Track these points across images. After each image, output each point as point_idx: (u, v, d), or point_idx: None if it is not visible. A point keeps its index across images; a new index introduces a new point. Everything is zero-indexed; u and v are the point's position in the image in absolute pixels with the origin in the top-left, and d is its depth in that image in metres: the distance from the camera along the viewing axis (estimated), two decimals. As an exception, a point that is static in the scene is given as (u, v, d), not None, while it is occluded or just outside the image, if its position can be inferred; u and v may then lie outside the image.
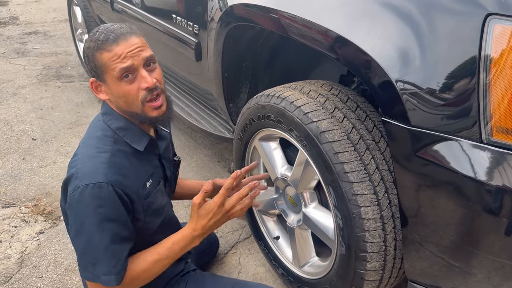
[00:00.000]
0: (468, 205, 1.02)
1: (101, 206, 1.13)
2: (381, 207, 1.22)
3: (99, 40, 1.17)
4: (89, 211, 1.13)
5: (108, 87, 1.21)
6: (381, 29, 1.12)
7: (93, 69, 1.20)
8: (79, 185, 1.13)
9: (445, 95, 1.00)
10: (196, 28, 1.92)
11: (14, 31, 5.55)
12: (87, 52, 1.20)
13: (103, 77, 1.20)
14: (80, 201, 1.14)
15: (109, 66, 1.16)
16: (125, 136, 1.25)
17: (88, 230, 1.14)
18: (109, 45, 1.16)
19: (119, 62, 1.16)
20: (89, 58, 1.19)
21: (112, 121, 1.25)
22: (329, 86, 1.43)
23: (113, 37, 1.16)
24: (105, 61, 1.16)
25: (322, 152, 1.25)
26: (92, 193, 1.12)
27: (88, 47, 1.19)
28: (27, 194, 2.41)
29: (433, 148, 1.03)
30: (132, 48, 1.17)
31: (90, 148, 1.20)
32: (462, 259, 1.12)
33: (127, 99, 1.20)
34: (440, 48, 1.00)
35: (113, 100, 1.24)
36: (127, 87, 1.19)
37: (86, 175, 1.14)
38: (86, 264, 1.17)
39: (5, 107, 3.46)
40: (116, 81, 1.18)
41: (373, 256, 1.25)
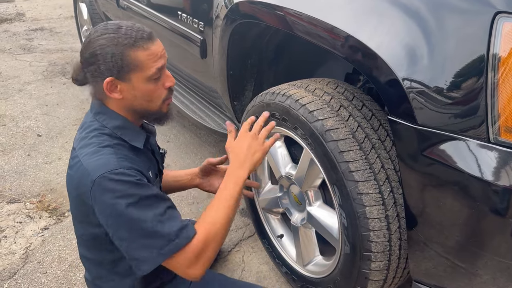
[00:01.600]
0: (474, 206, 1.01)
1: (127, 188, 1.09)
2: (386, 207, 1.21)
3: (132, 37, 1.11)
4: (118, 197, 1.08)
5: (131, 86, 1.16)
6: (388, 27, 1.11)
7: (115, 67, 1.12)
8: (94, 179, 1.08)
9: (452, 94, 0.99)
10: (201, 25, 1.92)
11: (20, 27, 5.57)
12: (110, 50, 1.11)
13: (127, 75, 1.14)
14: (104, 192, 1.08)
15: (144, 64, 1.13)
16: (123, 134, 1.21)
17: (127, 216, 1.09)
18: (145, 43, 1.13)
19: (156, 61, 1.14)
20: (113, 56, 1.11)
21: (108, 121, 1.20)
22: (334, 84, 1.42)
23: (147, 35, 1.14)
24: (140, 59, 1.12)
25: (327, 150, 1.25)
26: (112, 180, 1.08)
27: (116, 43, 1.11)
28: (32, 190, 2.42)
29: (439, 147, 1.02)
30: (162, 47, 1.17)
31: (90, 146, 1.16)
32: (467, 260, 1.11)
33: (151, 98, 1.19)
34: (448, 47, 0.99)
35: (129, 100, 1.19)
36: (153, 87, 1.17)
37: (98, 167, 1.10)
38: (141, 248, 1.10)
39: (11, 103, 3.47)
40: (145, 80, 1.15)
41: (377, 255, 1.24)
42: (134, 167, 1.14)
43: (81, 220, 1.25)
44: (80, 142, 1.20)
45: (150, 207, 1.12)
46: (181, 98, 2.55)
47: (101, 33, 1.13)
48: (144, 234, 1.10)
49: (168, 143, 2.92)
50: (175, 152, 2.79)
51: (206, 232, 1.17)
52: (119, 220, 1.10)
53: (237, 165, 1.26)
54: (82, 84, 1.23)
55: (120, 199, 1.08)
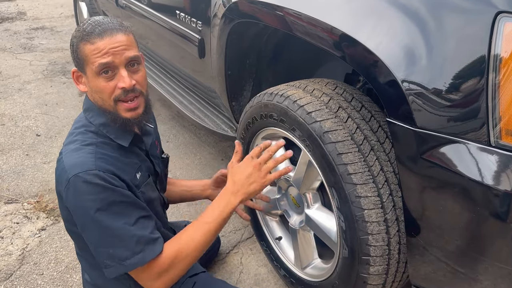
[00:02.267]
0: (475, 210, 0.99)
1: (99, 192, 1.08)
2: (385, 210, 1.19)
3: (85, 31, 1.15)
4: (89, 200, 1.08)
5: (87, 80, 1.19)
6: (387, 27, 1.09)
7: (76, 59, 1.18)
8: (69, 177, 1.09)
9: (452, 96, 0.97)
10: (199, 24, 1.90)
11: (21, 26, 5.56)
12: (72, 41, 1.18)
13: (84, 68, 1.18)
14: (76, 192, 1.08)
15: (89, 59, 1.14)
16: (108, 132, 1.21)
17: (96, 222, 1.09)
18: (93, 38, 1.14)
19: (99, 56, 1.13)
20: (73, 47, 1.18)
21: (95, 118, 1.21)
22: (333, 85, 1.40)
23: (99, 30, 1.14)
24: (86, 53, 1.14)
25: (325, 152, 1.22)
26: (85, 181, 1.07)
27: (74, 36, 1.18)
28: (29, 190, 2.41)
29: (439, 150, 1.00)
30: (116, 45, 1.14)
31: (74, 143, 1.17)
32: (467, 265, 1.09)
33: (102, 95, 1.18)
34: (448, 47, 0.97)
35: (90, 94, 1.23)
36: (103, 83, 1.16)
37: (74, 166, 1.10)
38: (106, 255, 1.11)
39: (10, 102, 3.46)
40: (95, 75, 1.15)
41: (376, 259, 1.22)
42: (111, 170, 1.13)
43: (66, 218, 1.24)
44: (67, 138, 1.22)
45: (121, 215, 1.11)
46: (180, 98, 2.53)
47: (78, 26, 1.22)
48: (110, 242, 1.10)
49: (167, 143, 2.90)
50: (174, 152, 2.77)
51: (176, 251, 1.17)
52: (88, 223, 1.10)
53: (231, 191, 1.25)
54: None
55: (91, 202, 1.08)
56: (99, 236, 1.11)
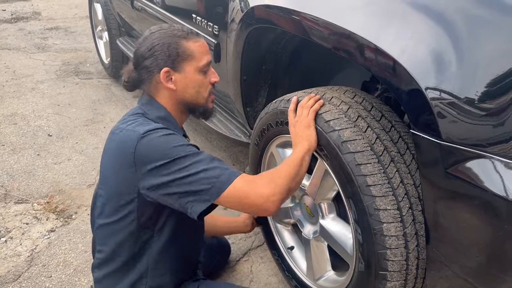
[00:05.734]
0: (500, 227, 0.95)
1: (178, 139, 1.17)
2: (404, 224, 1.15)
3: (182, 31, 1.26)
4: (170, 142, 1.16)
5: (184, 76, 1.26)
6: (411, 32, 1.05)
7: (171, 56, 1.23)
8: (142, 132, 1.16)
9: (480, 108, 0.92)
10: (216, 29, 1.88)
11: (35, 26, 5.61)
12: (167, 40, 1.23)
13: (181, 65, 1.24)
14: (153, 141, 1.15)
15: (195, 55, 1.25)
16: (164, 125, 1.25)
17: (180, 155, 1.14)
18: (194, 37, 1.27)
19: (205, 54, 1.28)
20: (169, 45, 1.23)
21: (153, 111, 1.27)
22: (352, 93, 1.36)
23: (195, 33, 1.30)
24: (192, 49, 1.25)
25: (343, 163, 1.19)
26: (162, 135, 1.16)
27: (171, 35, 1.24)
28: (40, 191, 2.40)
29: (465, 165, 0.96)
30: (207, 45, 1.32)
31: (137, 122, 1.22)
32: (489, 284, 1.05)
33: (199, 89, 1.29)
34: (477, 55, 0.93)
35: (180, 90, 1.27)
36: (202, 78, 1.29)
37: (147, 128, 1.17)
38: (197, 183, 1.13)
39: (23, 101, 3.47)
40: (196, 71, 1.26)
41: (394, 275, 1.18)
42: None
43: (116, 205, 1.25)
44: (123, 123, 1.25)
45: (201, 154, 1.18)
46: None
47: (155, 30, 1.27)
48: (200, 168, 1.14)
49: (178, 147, 2.88)
50: (185, 156, 2.76)
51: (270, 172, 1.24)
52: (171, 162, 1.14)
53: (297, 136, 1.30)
54: (133, 86, 1.31)
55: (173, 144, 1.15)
56: (186, 168, 1.14)
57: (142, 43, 1.26)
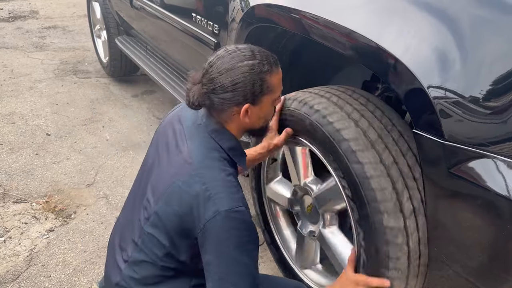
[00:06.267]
0: (503, 227, 0.95)
1: (246, 229, 1.11)
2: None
3: (267, 62, 1.14)
4: (233, 234, 1.10)
5: (259, 108, 1.18)
6: (412, 30, 1.05)
7: (255, 93, 1.13)
8: (220, 210, 1.08)
9: (484, 107, 0.92)
10: (216, 28, 1.87)
11: (33, 25, 5.58)
12: (253, 78, 1.12)
13: (260, 99, 1.15)
14: (223, 225, 1.09)
15: (275, 88, 1.17)
16: (234, 156, 1.22)
17: (232, 253, 1.10)
18: (276, 67, 1.17)
19: (281, 83, 1.20)
20: (254, 83, 1.12)
21: (224, 141, 1.21)
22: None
23: (275, 60, 1.18)
24: (274, 83, 1.16)
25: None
26: (236, 218, 1.09)
27: (259, 71, 1.12)
28: (38, 190, 2.39)
29: (468, 165, 0.96)
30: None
31: (218, 172, 1.15)
32: (491, 284, 1.05)
33: (268, 117, 1.24)
34: (481, 54, 0.93)
35: (253, 121, 1.19)
36: (273, 107, 1.23)
37: (225, 200, 1.10)
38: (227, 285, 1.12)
39: (21, 100, 3.46)
40: (271, 102, 1.19)
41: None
42: (247, 204, 1.15)
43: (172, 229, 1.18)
44: (201, 160, 1.17)
45: (251, 253, 1.14)
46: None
47: (239, 59, 1.12)
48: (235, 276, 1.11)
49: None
50: (184, 156, 2.75)
51: None
52: (222, 255, 1.11)
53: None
54: (200, 108, 1.21)
55: (234, 237, 1.10)
56: (228, 269, 1.11)
57: (225, 74, 1.12)
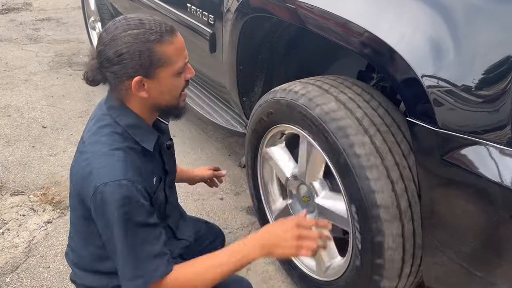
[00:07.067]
0: (495, 213, 0.97)
1: (124, 204, 1.05)
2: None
3: (155, 32, 1.04)
4: (113, 210, 1.05)
5: (158, 82, 1.09)
6: (407, 20, 1.06)
7: (144, 65, 1.05)
8: (97, 185, 1.04)
9: (476, 95, 0.94)
10: (211, 18, 1.87)
11: (27, 17, 5.53)
12: (138, 47, 1.04)
13: (154, 72, 1.07)
14: (103, 202, 1.05)
15: (170, 59, 1.07)
16: (135, 134, 1.15)
17: (117, 234, 1.06)
18: (168, 36, 1.06)
19: (182, 53, 1.10)
20: (141, 53, 1.04)
21: (121, 117, 1.15)
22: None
23: (169, 27, 1.08)
24: (168, 54, 1.06)
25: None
26: (114, 192, 1.04)
27: (144, 40, 1.04)
28: (36, 183, 2.39)
29: (461, 152, 0.97)
30: (182, 39, 1.12)
31: (102, 146, 1.11)
32: (485, 268, 1.07)
33: (175, 92, 1.14)
34: (475, 44, 0.94)
35: (154, 97, 1.12)
36: (178, 80, 1.13)
37: (104, 173, 1.06)
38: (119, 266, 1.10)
39: (16, 93, 3.44)
40: (172, 75, 1.10)
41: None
42: (139, 180, 1.09)
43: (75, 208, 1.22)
44: (91, 136, 1.15)
45: (141, 234, 1.08)
46: (188, 93, 2.50)
47: (123, 29, 1.05)
48: (125, 258, 1.08)
49: (174, 138, 2.87)
50: (180, 147, 2.75)
51: (184, 280, 1.13)
52: (109, 234, 1.08)
53: (260, 244, 1.13)
54: (97, 84, 1.15)
55: (117, 215, 1.05)
56: (117, 249, 1.08)
57: (108, 44, 1.05)
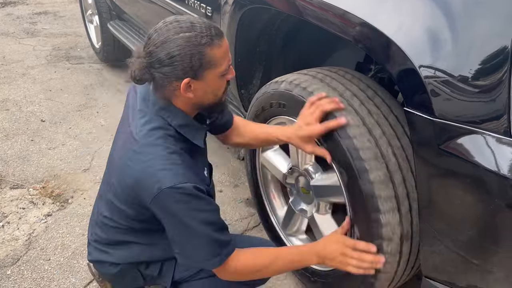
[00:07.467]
0: (492, 201, 0.98)
1: (192, 200, 1.13)
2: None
3: (206, 35, 1.08)
4: (181, 208, 1.13)
5: (204, 84, 1.13)
6: (405, 11, 1.06)
7: (194, 67, 1.09)
8: (163, 188, 1.10)
9: (473, 85, 0.95)
10: (209, 10, 1.87)
11: (24, 10, 5.51)
12: (190, 50, 1.07)
13: (202, 74, 1.11)
14: (168, 202, 1.12)
15: (218, 62, 1.11)
16: (186, 133, 1.21)
17: (185, 224, 1.15)
18: (219, 40, 1.11)
19: (227, 55, 1.15)
20: (192, 56, 1.07)
21: (172, 118, 1.19)
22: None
23: (218, 31, 1.12)
24: (217, 56, 1.10)
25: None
26: (179, 193, 1.11)
27: (196, 43, 1.07)
28: (35, 176, 2.40)
29: (457, 141, 0.98)
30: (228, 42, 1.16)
31: (158, 149, 1.15)
32: (481, 256, 1.08)
33: (217, 93, 1.19)
34: (470, 35, 0.95)
35: (199, 97, 1.16)
36: (222, 81, 1.17)
37: (167, 177, 1.11)
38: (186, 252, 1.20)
39: (14, 87, 3.44)
40: (218, 76, 1.14)
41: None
42: (196, 180, 1.16)
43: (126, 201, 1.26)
44: (144, 137, 1.18)
45: (207, 221, 1.16)
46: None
47: (175, 31, 1.08)
48: (193, 244, 1.18)
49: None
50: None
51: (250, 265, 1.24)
52: (177, 225, 1.16)
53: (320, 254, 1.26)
54: (144, 82, 1.17)
55: (183, 210, 1.14)
56: (185, 238, 1.18)
57: (160, 46, 1.08)
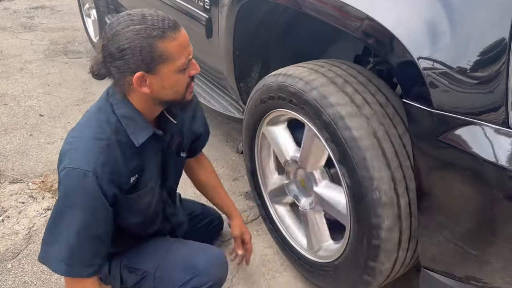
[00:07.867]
0: (490, 192, 0.98)
1: (81, 194, 1.11)
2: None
3: (157, 28, 1.05)
4: (69, 194, 1.12)
5: (160, 78, 1.10)
6: (404, 2, 1.06)
7: (145, 61, 1.06)
8: (67, 166, 1.11)
9: (471, 76, 0.95)
10: (207, 3, 1.86)
11: (20, 5, 5.48)
12: (139, 43, 1.04)
13: (155, 68, 1.08)
14: (64, 182, 1.13)
15: (173, 56, 1.08)
16: (127, 125, 1.17)
17: (62, 210, 1.14)
18: (173, 32, 1.07)
19: (185, 49, 1.10)
20: (142, 49, 1.05)
21: (119, 106, 1.17)
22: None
23: (173, 24, 1.08)
24: (169, 50, 1.07)
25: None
26: (76, 178, 1.10)
27: (145, 36, 1.04)
28: (34, 170, 2.40)
29: (455, 132, 0.98)
30: (187, 35, 1.12)
31: (90, 131, 1.16)
32: (479, 247, 1.09)
33: (178, 88, 1.15)
34: (469, 26, 0.95)
35: (156, 92, 1.13)
36: (181, 77, 1.13)
37: (77, 159, 1.12)
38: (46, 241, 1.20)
39: (12, 82, 3.43)
40: (174, 71, 1.10)
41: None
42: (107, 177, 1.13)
43: None
44: (87, 114, 1.20)
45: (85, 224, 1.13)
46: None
47: (126, 25, 1.05)
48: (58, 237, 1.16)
49: (171, 125, 2.88)
50: (178, 134, 2.76)
51: None
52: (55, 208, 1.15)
53: None
54: (103, 78, 1.16)
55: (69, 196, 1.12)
56: (54, 226, 1.17)
57: (111, 40, 1.06)
